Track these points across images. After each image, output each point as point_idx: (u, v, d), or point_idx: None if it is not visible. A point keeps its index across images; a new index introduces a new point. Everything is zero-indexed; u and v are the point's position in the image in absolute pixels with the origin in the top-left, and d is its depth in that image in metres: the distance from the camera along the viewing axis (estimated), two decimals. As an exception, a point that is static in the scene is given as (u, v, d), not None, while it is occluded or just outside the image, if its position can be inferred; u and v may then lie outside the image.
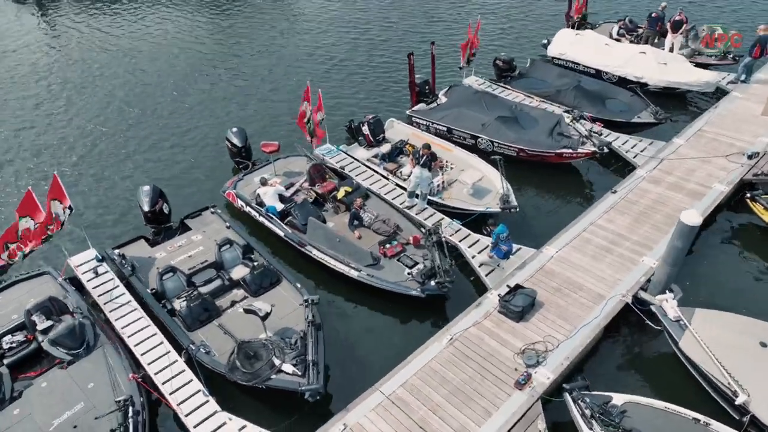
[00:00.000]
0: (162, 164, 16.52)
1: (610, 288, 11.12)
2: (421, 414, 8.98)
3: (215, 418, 8.96)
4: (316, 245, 12.02)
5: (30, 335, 10.33)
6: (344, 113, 17.81)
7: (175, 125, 18.42)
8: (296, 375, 9.14)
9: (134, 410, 8.74)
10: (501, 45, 23.60)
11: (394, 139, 16.08)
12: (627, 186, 14.08)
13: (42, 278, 11.49)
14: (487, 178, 14.11)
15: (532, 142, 15.20)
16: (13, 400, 9.23)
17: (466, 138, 16.25)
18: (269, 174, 14.30)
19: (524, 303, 10.47)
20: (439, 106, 17.52)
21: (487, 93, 17.84)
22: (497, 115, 15.96)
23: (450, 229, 12.81)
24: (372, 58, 22.76)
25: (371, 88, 20.50)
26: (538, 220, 13.78)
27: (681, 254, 10.29)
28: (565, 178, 15.29)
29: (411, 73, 17.32)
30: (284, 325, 10.26)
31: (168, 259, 11.90)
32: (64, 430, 8.69)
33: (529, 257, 12.04)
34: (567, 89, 17.59)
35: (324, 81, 20.67)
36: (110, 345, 10.03)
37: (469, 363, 9.80)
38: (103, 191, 15.44)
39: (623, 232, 12.57)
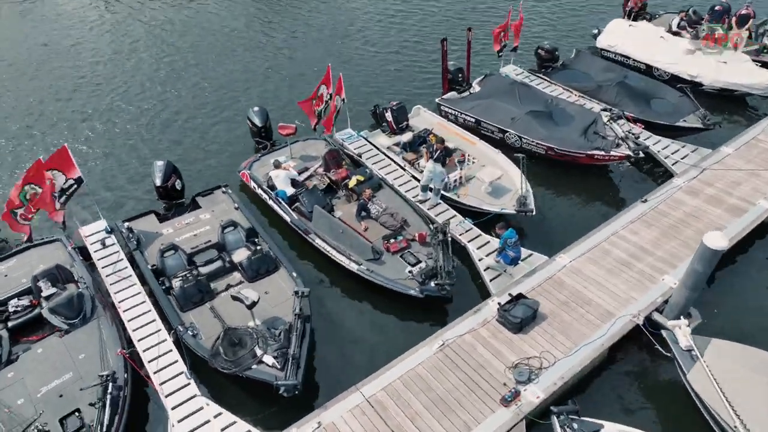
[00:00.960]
0: (185, 140, 16.56)
1: (622, 306, 10.39)
2: (398, 421, 8.71)
3: (193, 402, 9.01)
4: (319, 234, 11.81)
5: (35, 300, 10.68)
6: (372, 98, 17.33)
7: (201, 102, 18.39)
8: (275, 368, 9.03)
9: (115, 386, 8.86)
10: (547, 33, 22.38)
11: (418, 128, 15.56)
12: (660, 195, 13.09)
13: (54, 245, 11.82)
14: (508, 177, 13.44)
15: (562, 140, 14.34)
16: (10, 362, 9.57)
17: (494, 132, 15.53)
18: (284, 157, 14.14)
19: (524, 314, 9.93)
20: (470, 96, 16.80)
21: (523, 84, 16.93)
22: (529, 110, 15.14)
23: (460, 228, 12.30)
24: (406, 42, 21.96)
25: (402, 73, 19.82)
26: (557, 226, 13.04)
27: (701, 279, 9.46)
28: (595, 182, 14.39)
29: (444, 59, 16.64)
30: (275, 314, 10.15)
31: (174, 236, 12.00)
32: (50, 397, 8.94)
33: (540, 265, 11.41)
34: (609, 85, 16.46)
35: (355, 64, 20.22)
36: (106, 318, 10.22)
37: (457, 372, 9.41)
38: (122, 164, 15.62)
39: (647, 246, 11.70)
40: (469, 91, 17.17)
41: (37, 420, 8.60)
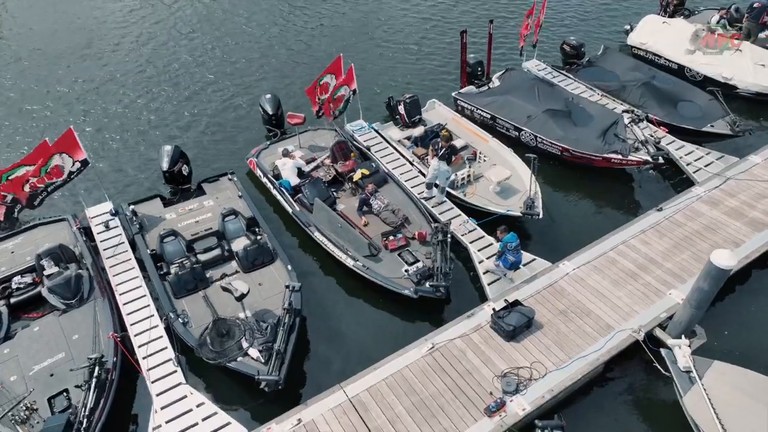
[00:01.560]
0: (197, 125, 16.54)
1: (623, 320, 10.00)
2: (378, 423, 8.59)
3: (177, 390, 9.07)
4: (319, 227, 11.71)
5: (38, 278, 10.92)
6: (389, 90, 17.01)
7: (215, 87, 18.30)
8: (259, 361, 9.01)
9: (103, 369, 8.99)
10: (576, 27, 21.56)
11: (431, 122, 15.25)
12: (677, 204, 12.51)
13: (60, 224, 12.05)
14: (518, 178, 13.05)
15: (578, 141, 13.83)
16: (7, 338, 9.82)
17: (509, 129, 15.10)
18: (293, 146, 14.05)
19: (518, 322, 9.65)
20: (488, 91, 16.36)
21: (544, 81, 16.38)
22: (546, 108, 14.65)
23: (463, 228, 12.03)
24: (427, 32, 21.36)
25: (422, 65, 19.34)
26: (566, 231, 12.61)
27: (706, 298, 9.00)
28: (612, 186, 13.85)
29: (463, 51, 16.20)
30: (266, 306, 10.13)
31: (176, 221, 12.08)
32: (41, 376, 9.13)
33: (542, 271, 11.07)
34: (635, 85, 15.77)
35: (374, 55, 19.85)
36: (102, 300, 10.37)
37: (443, 377, 9.22)
38: (133, 147, 15.69)
39: (657, 258, 11.21)
40: (488, 86, 16.72)
41: (27, 398, 8.79)
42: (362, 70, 18.56)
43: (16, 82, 18.76)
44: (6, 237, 11.77)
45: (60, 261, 11.09)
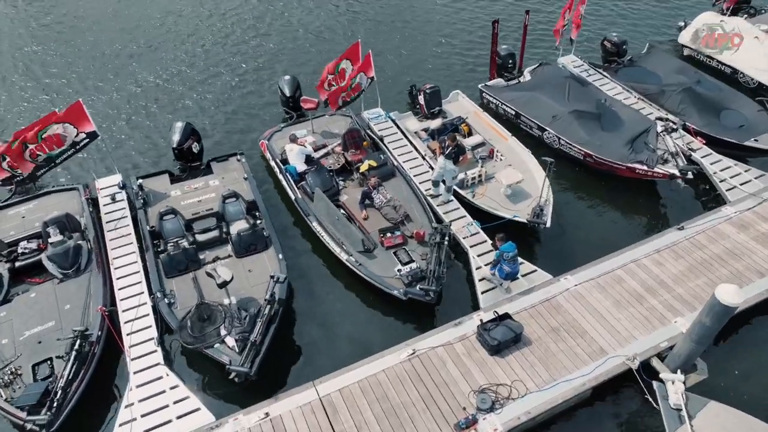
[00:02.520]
0: (216, 102, 16.42)
1: (619, 345, 9.43)
2: (345, 427, 8.45)
3: (154, 370, 9.20)
4: (317, 218, 11.53)
5: (42, 245, 11.24)
6: (415, 79, 16.47)
7: (237, 66, 18.04)
8: (234, 351, 8.99)
9: (87, 342, 9.19)
10: (621, 21, 20.19)
11: (451, 115, 14.71)
12: (701, 223, 11.65)
13: (70, 193, 12.34)
14: (533, 181, 12.43)
15: (602, 147, 13.03)
16: (6, 302, 10.17)
17: (532, 128, 14.41)
18: (305, 131, 13.86)
19: (504, 337, 9.25)
20: (517, 85, 15.63)
21: (578, 79, 15.49)
22: (574, 109, 13.86)
23: (466, 230, 11.58)
24: (459, 20, 20.40)
25: (452, 54, 18.53)
26: (575, 242, 11.98)
27: (708, 334, 8.34)
28: (634, 198, 13.02)
29: (494, 42, 15.51)
30: (252, 294, 10.08)
31: (180, 198, 12.15)
32: (30, 342, 9.43)
33: (541, 283, 10.56)
34: (675, 90, 14.67)
35: (403, 42, 19.14)
36: (97, 273, 10.58)
37: (418, 385, 8.97)
38: (150, 122, 15.72)
39: (668, 281, 10.49)
40: (518, 80, 15.97)
41: (14, 362, 9.12)
42: (387, 57, 18.19)
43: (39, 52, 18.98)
44: (19, 202, 12.14)
45: (65, 230, 11.37)
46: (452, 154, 11.37)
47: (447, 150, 11.37)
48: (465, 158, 11.84)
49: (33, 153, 11.18)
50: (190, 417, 8.59)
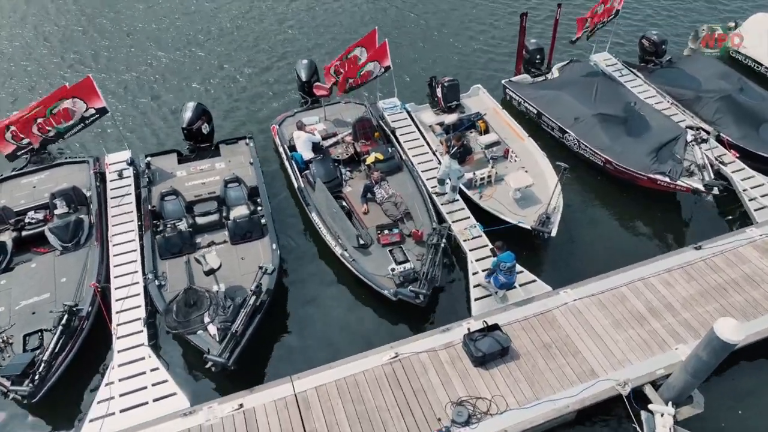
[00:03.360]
0: (235, 83, 16.35)
1: (612, 368, 8.97)
2: (316, 426, 8.35)
3: (138, 351, 9.29)
4: (317, 209, 11.36)
5: (48, 216, 11.47)
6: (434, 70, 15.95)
7: (260, 48, 17.82)
8: (215, 339, 8.98)
9: (77, 317, 9.37)
10: (665, 18, 18.97)
11: (469, 110, 14.21)
12: (721, 244, 10.92)
13: (81, 166, 12.54)
14: (544, 186, 11.89)
15: (623, 155, 12.34)
16: (7, 270, 10.45)
17: (554, 129, 13.79)
18: (317, 118, 13.64)
19: (489, 349, 8.93)
20: (543, 82, 14.97)
21: (609, 79, 14.72)
22: (599, 111, 13.16)
23: (468, 233, 11.19)
24: (487, 14, 19.49)
25: (479, 46, 17.84)
26: (582, 254, 11.44)
27: (704, 368, 7.84)
28: (653, 210, 12.33)
29: (521, 35, 14.83)
30: (242, 283, 10.02)
31: (185, 180, 12.18)
32: (24, 313, 9.66)
33: (539, 295, 10.13)
34: (712, 98, 13.70)
35: (427, 30, 18.52)
36: (96, 248, 10.74)
37: (396, 391, 8.77)
38: (165, 100, 15.73)
39: (675, 304, 9.90)
40: (545, 77, 15.28)
41: (7, 331, 9.36)
42: (409, 47, 17.74)
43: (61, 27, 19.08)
44: (33, 171, 12.42)
45: (71, 203, 11.57)
46: (457, 154, 10.95)
47: (453, 149, 10.95)
48: (471, 159, 11.40)
49: (42, 127, 11.34)
50: (166, 401, 8.65)
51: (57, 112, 11.27)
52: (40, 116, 11.18)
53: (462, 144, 10.99)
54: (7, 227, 11.18)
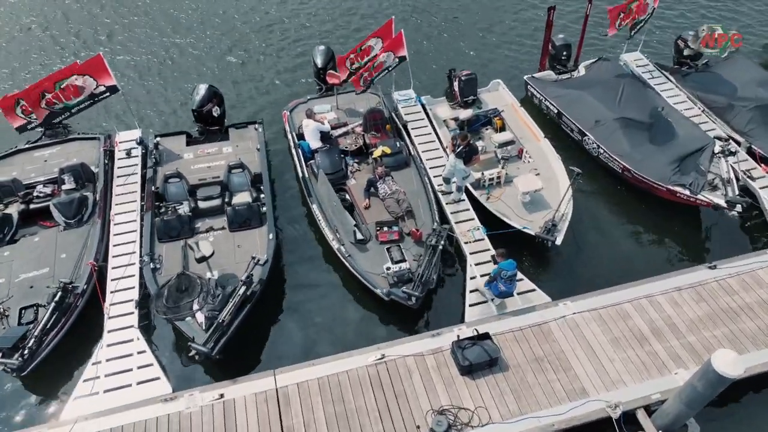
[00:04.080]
0: (250, 67, 16.18)
1: (604, 388, 8.59)
2: (293, 423, 8.27)
3: (127, 332, 9.35)
4: (318, 199, 11.20)
5: (56, 191, 11.64)
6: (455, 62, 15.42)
7: (277, 32, 17.55)
8: (201, 327, 8.96)
9: (73, 294, 9.49)
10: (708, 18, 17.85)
11: (487, 105, 13.76)
12: (738, 265, 10.32)
13: (92, 143, 12.65)
14: (555, 190, 11.42)
15: (643, 163, 11.74)
16: (12, 242, 10.65)
17: (573, 131, 13.24)
18: (329, 106, 13.40)
19: (476, 359, 8.67)
20: (567, 81, 14.35)
21: (637, 81, 14.01)
22: (622, 115, 12.55)
23: (471, 235, 10.87)
24: (514, 7, 18.70)
25: (500, 41, 17.18)
26: (589, 265, 10.97)
27: (699, 399, 7.41)
28: (672, 223, 11.73)
29: (547, 30, 14.23)
30: (236, 271, 9.93)
31: (191, 162, 12.17)
32: (23, 286, 9.82)
33: (537, 305, 9.77)
34: (746, 106, 12.87)
35: (448, 22, 17.86)
36: (98, 226, 10.84)
37: (378, 393, 8.60)
38: (181, 81, 15.68)
39: (680, 325, 9.41)
40: (571, 74, 14.65)
41: (4, 303, 9.55)
42: (430, 39, 17.24)
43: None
44: (46, 145, 12.60)
45: (79, 179, 11.71)
46: (463, 154, 10.59)
47: (458, 149, 10.59)
48: (477, 159, 11.00)
49: (50, 101, 11.42)
50: (149, 384, 8.71)
51: (66, 87, 11.31)
52: (48, 90, 11.23)
53: (468, 143, 10.61)
54: (16, 199, 11.39)
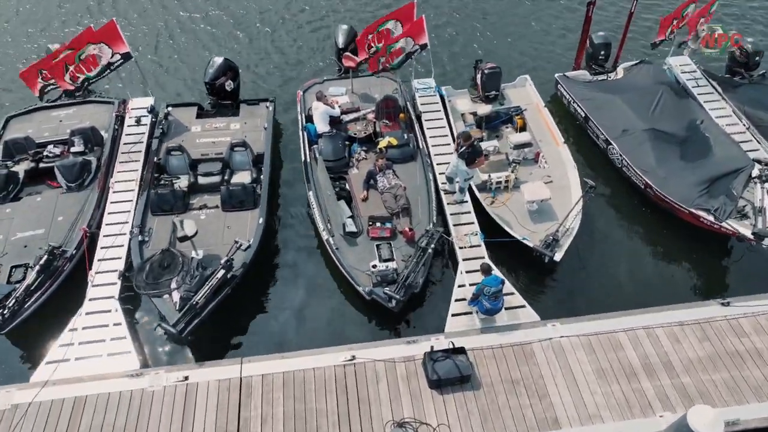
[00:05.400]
0: (273, 42, 15.84)
1: (579, 422, 8.04)
2: (250, 415, 8.13)
3: (106, 302, 9.40)
4: (315, 186, 10.91)
5: (65, 152, 11.79)
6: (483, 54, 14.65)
7: (303, 8, 17.08)
8: (175, 307, 8.91)
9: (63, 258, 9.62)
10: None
11: (510, 102, 13.04)
12: (755, 304, 9.42)
13: (108, 107, 12.73)
14: (566, 201, 10.69)
15: (666, 181, 10.85)
16: (15, 199, 10.88)
17: (598, 137, 12.36)
18: (344, 89, 12.99)
19: (446, 375, 8.27)
20: (601, 82, 13.43)
21: (679, 89, 12.94)
22: (653, 126, 11.60)
23: (466, 240, 10.35)
24: None
25: (537, 33, 16.18)
26: (591, 285, 10.32)
27: (671, 453, 6.79)
28: (693, 249, 10.87)
29: (586, 26, 13.26)
30: (221, 252, 9.72)
31: (197, 135, 12.09)
32: (17, 245, 10.02)
33: (523, 323, 9.24)
34: (796, 129, 11.67)
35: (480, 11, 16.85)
36: (98, 192, 10.93)
37: (341, 396, 8.36)
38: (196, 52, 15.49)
39: (677, 364, 8.68)
40: (607, 76, 13.66)
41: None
42: (457, 25, 16.32)
43: None
44: (63, 105, 12.78)
45: (88, 142, 11.82)
46: (465, 154, 10.01)
47: (461, 149, 10.02)
48: (481, 161, 10.36)
49: (73, 75, 11.49)
50: (118, 358, 8.75)
51: (86, 58, 11.40)
52: (71, 63, 11.32)
53: (471, 144, 10.00)
54: (26, 157, 11.61)
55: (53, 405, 8.23)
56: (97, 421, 8.06)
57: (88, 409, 8.19)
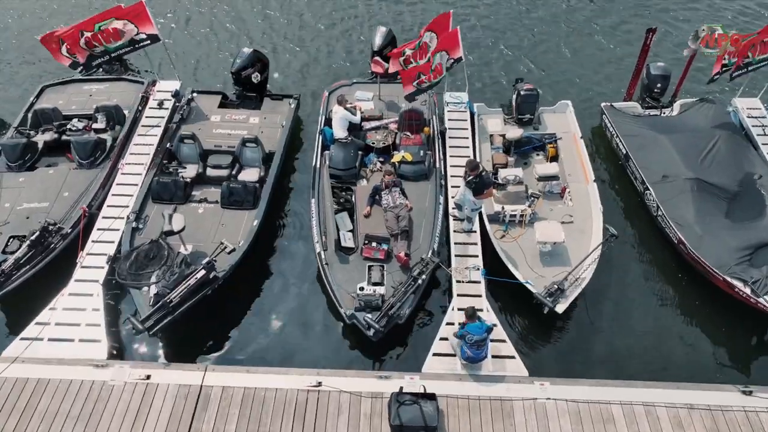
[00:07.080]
0: (311, 37, 15.49)
1: (548, 500, 7.25)
2: (202, 428, 7.85)
3: (90, 286, 9.32)
4: (318, 195, 10.46)
5: (88, 127, 11.90)
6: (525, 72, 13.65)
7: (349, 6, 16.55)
8: (148, 302, 8.72)
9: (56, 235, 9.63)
10: None
11: (546, 128, 12.07)
12: (782, 400, 8.19)
13: (136, 86, 12.77)
14: (584, 247, 9.72)
15: (702, 241, 9.65)
16: (30, 168, 11.06)
17: (636, 179, 11.22)
18: (370, 95, 12.43)
19: (410, 422, 7.63)
20: (650, 118, 12.21)
21: (740, 136, 11.59)
22: (697, 176, 10.39)
23: (468, 273, 9.61)
24: (611, 22, 16.05)
25: (587, 57, 14.98)
26: (595, 346, 9.33)
27: None
28: (723, 322, 9.62)
29: (642, 55, 12.08)
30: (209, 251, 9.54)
31: (216, 125, 11.89)
32: (20, 215, 10.11)
33: (508, 377, 8.43)
34: None
35: (529, 26, 15.86)
36: (107, 171, 10.95)
37: (296, 426, 7.89)
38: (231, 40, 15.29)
39: (675, 453, 7.68)
40: (661, 111, 12.40)
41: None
42: (501, 41, 15.38)
43: None
44: (97, 80, 12.93)
45: (111, 120, 11.91)
46: (472, 184, 9.24)
47: (468, 178, 9.26)
48: (489, 192, 9.54)
49: (89, 43, 11.52)
50: (87, 345, 8.64)
51: (105, 29, 11.36)
52: (87, 30, 11.32)
53: (479, 174, 9.19)
54: (51, 128, 11.81)
55: (17, 383, 8.23)
56: (53, 407, 8.00)
57: (48, 393, 8.14)
